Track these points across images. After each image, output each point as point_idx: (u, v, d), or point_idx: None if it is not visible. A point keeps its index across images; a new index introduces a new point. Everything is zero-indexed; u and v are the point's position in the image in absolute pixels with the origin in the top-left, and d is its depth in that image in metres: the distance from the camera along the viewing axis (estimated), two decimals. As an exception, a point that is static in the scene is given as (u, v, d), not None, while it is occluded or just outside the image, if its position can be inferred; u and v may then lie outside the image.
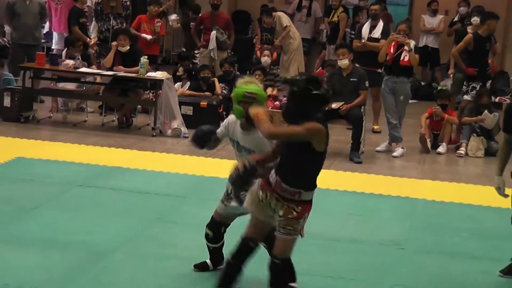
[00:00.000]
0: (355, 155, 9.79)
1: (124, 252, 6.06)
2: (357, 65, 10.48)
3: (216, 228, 5.55)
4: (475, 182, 9.06)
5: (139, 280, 5.51)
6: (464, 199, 8.24)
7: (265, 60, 12.41)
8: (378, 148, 10.51)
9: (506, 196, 6.05)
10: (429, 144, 10.56)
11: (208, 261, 5.70)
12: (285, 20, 13.62)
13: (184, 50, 14.37)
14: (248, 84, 5.08)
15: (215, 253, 5.66)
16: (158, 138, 10.45)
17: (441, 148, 10.54)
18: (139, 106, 11.66)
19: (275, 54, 13.19)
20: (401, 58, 10.24)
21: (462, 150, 10.44)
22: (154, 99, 10.76)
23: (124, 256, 5.96)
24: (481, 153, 10.45)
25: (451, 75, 11.98)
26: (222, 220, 5.55)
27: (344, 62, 9.97)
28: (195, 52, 13.53)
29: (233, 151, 9.93)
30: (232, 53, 13.62)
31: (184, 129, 10.59)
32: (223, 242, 5.60)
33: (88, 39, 12.16)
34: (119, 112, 11.16)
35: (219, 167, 9.02)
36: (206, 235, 5.59)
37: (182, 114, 10.78)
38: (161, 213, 7.14)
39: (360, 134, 9.88)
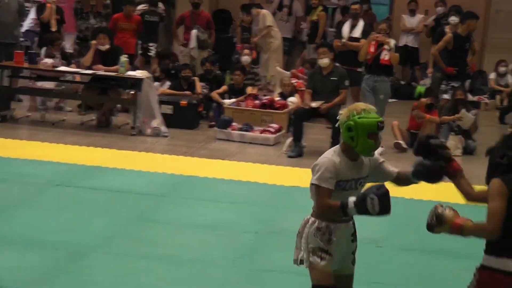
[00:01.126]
0: (334, 155, 9.79)
1: (104, 251, 6.04)
2: (337, 64, 10.51)
3: None
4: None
5: (119, 279, 5.49)
6: (443, 197, 8.24)
7: (245, 59, 12.40)
8: (357, 147, 10.51)
9: None
10: (404, 145, 10.54)
11: None
12: (269, 19, 13.63)
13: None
14: (367, 112, 4.09)
15: None
16: (137, 137, 10.42)
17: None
18: (118, 105, 11.61)
19: (254, 53, 13.18)
20: (382, 57, 10.28)
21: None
22: (134, 98, 10.72)
23: (104, 256, 5.94)
24: (459, 152, 10.50)
25: (430, 74, 12.03)
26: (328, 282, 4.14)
27: (324, 61, 9.99)
28: (150, 45, 13.32)
29: (214, 149, 10.03)
30: (213, 52, 13.61)
31: (163, 128, 10.57)
32: None
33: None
34: (98, 111, 11.12)
35: (199, 166, 9.03)
36: None
37: (162, 113, 10.76)
38: (140, 212, 7.12)
39: (339, 134, 9.87)
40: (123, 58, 10.54)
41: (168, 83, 11.94)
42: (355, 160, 4.12)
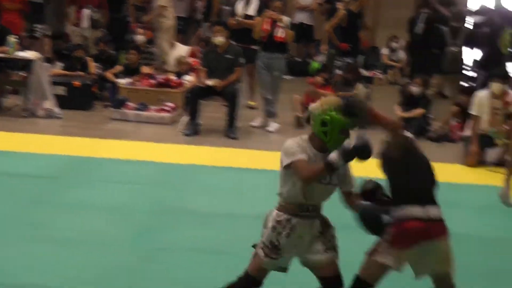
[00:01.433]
0: (231, 131, 9.84)
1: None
2: (232, 42, 10.50)
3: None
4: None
5: (14, 263, 5.36)
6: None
7: (140, 38, 12.26)
8: (253, 124, 10.59)
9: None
10: (303, 120, 10.66)
11: None
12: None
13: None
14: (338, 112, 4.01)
15: None
16: (29, 119, 10.15)
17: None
18: (8, 87, 11.27)
19: (149, 32, 13.03)
20: (276, 35, 10.34)
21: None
22: (24, 80, 10.43)
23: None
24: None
25: (325, 51, 12.16)
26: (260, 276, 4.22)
27: (219, 40, 9.97)
28: (35, 26, 12.98)
29: (110, 130, 9.90)
30: (106, 31, 13.37)
31: (56, 110, 10.34)
32: None
33: None
34: (-13, 94, 10.78)
35: (94, 147, 8.89)
36: None
37: (55, 94, 10.53)
38: (34, 196, 6.95)
39: (236, 110, 9.93)
40: (12, 39, 10.23)
41: (60, 64, 11.68)
42: (324, 152, 4.05)
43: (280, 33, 10.32)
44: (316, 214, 4.14)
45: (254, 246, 4.23)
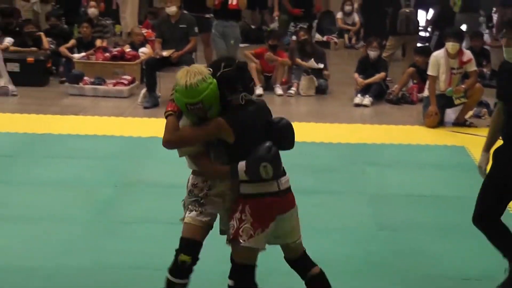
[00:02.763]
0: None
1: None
2: (185, 11, 10.42)
3: (195, 252, 4.05)
4: (307, 120, 9.29)
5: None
6: (298, 137, 8.39)
7: (92, 11, 12.10)
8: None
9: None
10: (261, 90, 10.62)
11: None
12: None
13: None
14: (190, 87, 3.80)
15: None
16: (-18, 98, 10.00)
17: (279, 89, 10.65)
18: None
19: (102, 5, 12.87)
20: (230, 2, 10.27)
21: (293, 90, 10.64)
22: (-24, 58, 10.25)
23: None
24: (312, 92, 10.72)
25: (276, 17, 12.12)
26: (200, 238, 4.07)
27: (172, 10, 9.88)
28: None
29: (67, 105, 9.79)
30: (57, 5, 13.17)
31: (11, 87, 10.19)
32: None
33: None
34: None
35: (51, 123, 8.79)
36: (181, 266, 4.02)
37: (8, 72, 10.36)
38: (-9, 175, 6.87)
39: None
40: (-39, 16, 10.03)
41: (8, 39, 11.44)
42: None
43: (233, 1, 10.25)
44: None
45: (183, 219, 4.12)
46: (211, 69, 3.91)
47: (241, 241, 3.88)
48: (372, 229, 5.77)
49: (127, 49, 11.23)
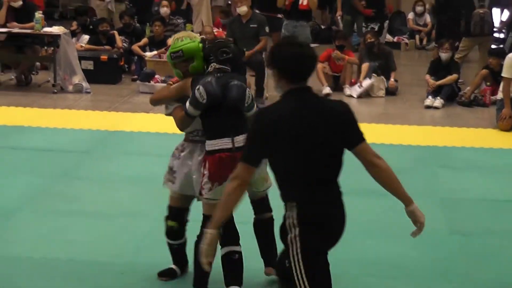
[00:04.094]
0: (259, 101, 9.80)
1: (30, 210, 5.95)
2: (256, 11, 10.46)
3: (179, 217, 4.74)
4: (377, 121, 9.23)
5: (47, 237, 5.43)
6: (367, 139, 8.36)
7: (165, 10, 12.25)
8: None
9: None
10: (329, 90, 10.58)
11: (173, 266, 4.89)
12: None
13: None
14: (176, 41, 4.47)
15: (180, 253, 4.87)
16: (59, 95, 10.22)
17: (347, 90, 10.61)
18: (38, 63, 11.35)
19: (174, 4, 13.01)
20: (300, 2, 10.28)
21: (362, 90, 10.54)
22: (52, 55, 10.48)
23: (30, 214, 5.85)
24: (382, 93, 10.64)
25: (339, 17, 12.03)
26: (181, 205, 4.74)
27: (243, 9, 9.93)
28: None
29: (138, 103, 9.92)
30: (130, 4, 13.37)
31: (85, 84, 10.39)
32: (186, 237, 4.82)
33: None
34: (16, 70, 10.85)
35: (123, 120, 8.93)
36: (170, 230, 4.76)
37: (82, 69, 10.57)
38: (65, 170, 7.01)
39: (263, 80, 9.91)
40: (38, 15, 10.27)
41: (85, 37, 11.70)
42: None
43: (304, 1, 10.25)
44: (200, 139, 4.50)
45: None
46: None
47: (203, 193, 4.36)
48: (443, 233, 5.69)
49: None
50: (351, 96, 10.51)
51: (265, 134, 3.36)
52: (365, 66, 10.67)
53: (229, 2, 14.65)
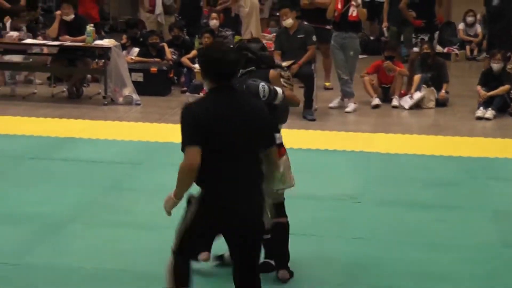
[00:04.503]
0: (308, 113, 9.81)
1: (81, 221, 6.02)
2: (305, 22, 10.45)
3: None
4: (427, 132, 9.15)
5: (97, 248, 5.48)
6: (417, 150, 8.33)
7: (214, 23, 12.33)
8: (330, 105, 10.54)
9: None
10: (378, 101, 10.53)
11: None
12: None
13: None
14: None
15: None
16: (109, 107, 10.34)
17: (395, 101, 10.55)
18: (89, 76, 11.50)
19: (222, 16, 13.09)
20: (349, 14, 10.24)
21: (411, 101, 10.46)
22: (103, 68, 10.62)
23: (81, 226, 5.92)
24: (432, 104, 10.55)
25: (385, 28, 11.94)
26: None
27: (288, 22, 9.91)
28: None
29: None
30: (179, 17, 13.48)
31: (135, 96, 10.49)
32: None
33: None
34: (68, 83, 11.02)
35: (172, 132, 8.94)
36: None
37: (132, 81, 10.68)
38: (116, 181, 7.09)
39: (312, 92, 9.89)
40: (89, 28, 10.42)
41: (135, 49, 11.83)
42: None
43: (353, 12, 10.22)
44: None
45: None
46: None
47: None
48: (496, 247, 5.61)
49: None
50: (399, 107, 10.44)
51: (193, 122, 3.89)
52: (417, 77, 10.60)
53: (278, 14, 14.69)
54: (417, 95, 10.45)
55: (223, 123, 3.88)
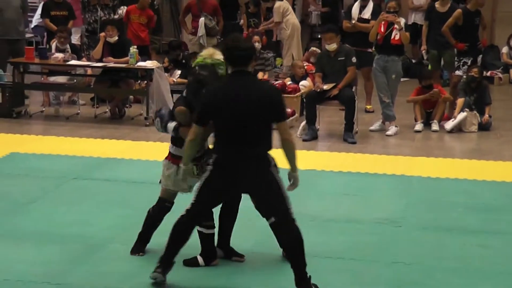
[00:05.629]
0: (349, 136, 9.78)
1: (122, 242, 6.05)
2: (346, 45, 10.45)
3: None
4: (469, 157, 9.07)
5: (138, 269, 5.51)
6: (459, 174, 8.25)
7: (256, 45, 12.38)
8: (371, 128, 10.51)
9: None
10: (420, 123, 10.48)
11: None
12: (278, 15, 13.43)
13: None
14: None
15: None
16: (151, 128, 10.37)
17: (434, 125, 10.49)
18: (131, 96, 11.63)
19: (264, 39, 13.15)
20: (392, 37, 10.23)
21: (453, 125, 10.39)
22: (145, 89, 10.72)
23: (122, 246, 5.95)
24: (474, 128, 10.46)
25: (424, 52, 11.86)
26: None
27: (332, 47, 9.90)
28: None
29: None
30: (221, 39, 13.56)
31: (177, 118, 10.55)
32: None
33: None
34: (111, 103, 11.15)
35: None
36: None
37: (174, 103, 10.75)
38: (157, 202, 7.10)
39: (353, 115, 9.86)
40: (133, 49, 10.55)
41: (178, 72, 11.92)
42: None
43: (396, 36, 10.21)
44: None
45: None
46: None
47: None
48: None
49: (288, 81, 11.39)
50: (440, 131, 10.36)
51: (207, 103, 4.87)
52: (460, 101, 10.54)
53: (319, 36, 14.72)
54: (460, 116, 10.37)
55: (233, 101, 4.77)
